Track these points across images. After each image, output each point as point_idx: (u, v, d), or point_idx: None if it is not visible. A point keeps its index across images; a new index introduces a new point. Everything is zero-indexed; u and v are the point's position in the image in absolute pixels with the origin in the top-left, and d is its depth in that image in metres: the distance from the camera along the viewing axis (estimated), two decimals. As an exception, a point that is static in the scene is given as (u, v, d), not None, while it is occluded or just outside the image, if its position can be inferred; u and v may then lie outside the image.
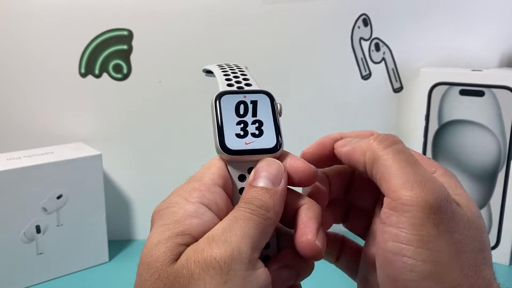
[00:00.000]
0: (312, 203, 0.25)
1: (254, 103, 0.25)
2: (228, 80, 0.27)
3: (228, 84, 0.27)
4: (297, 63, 0.61)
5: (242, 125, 0.25)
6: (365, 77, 0.62)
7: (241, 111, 0.25)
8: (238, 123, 0.25)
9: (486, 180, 0.56)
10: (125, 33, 0.59)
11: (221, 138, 0.24)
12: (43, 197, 0.53)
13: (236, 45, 0.60)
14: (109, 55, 0.59)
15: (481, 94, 0.55)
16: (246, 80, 0.27)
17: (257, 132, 0.25)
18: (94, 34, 0.59)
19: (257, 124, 0.25)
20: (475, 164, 0.56)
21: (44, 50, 0.59)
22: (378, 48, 0.62)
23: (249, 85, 0.27)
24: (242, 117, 0.25)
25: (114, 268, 0.58)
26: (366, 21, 0.61)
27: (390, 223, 0.22)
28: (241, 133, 0.25)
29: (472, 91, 0.55)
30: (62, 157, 0.53)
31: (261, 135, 0.25)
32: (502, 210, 0.56)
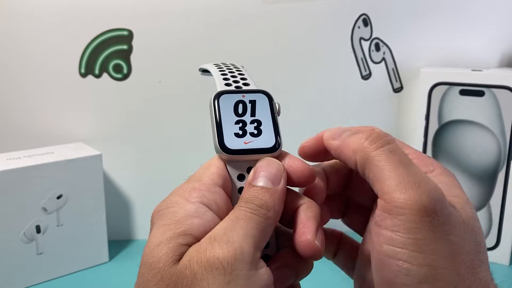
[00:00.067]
0: (311, 203, 0.25)
1: (253, 103, 0.25)
2: (226, 80, 0.27)
3: (226, 84, 0.26)
4: (297, 63, 0.61)
5: (241, 125, 0.25)
6: (365, 77, 0.62)
7: (240, 111, 0.25)
8: (237, 123, 0.25)
9: (486, 180, 0.56)
10: (125, 33, 0.59)
11: (220, 138, 0.24)
12: (43, 197, 0.53)
13: (236, 45, 0.60)
14: (109, 55, 0.59)
15: (481, 94, 0.55)
16: (244, 80, 0.27)
17: (256, 132, 0.25)
18: (94, 34, 0.59)
19: (256, 124, 0.25)
20: (475, 164, 0.56)
21: (44, 50, 0.59)
22: (378, 48, 0.62)
23: (247, 85, 0.27)
24: (241, 117, 0.25)
25: (114, 268, 0.58)
26: (366, 21, 0.61)
27: (385, 226, 0.22)
28: (240, 133, 0.24)
29: (472, 91, 0.55)
30: (62, 157, 0.53)
31: (260, 135, 0.25)
32: (502, 210, 0.56)
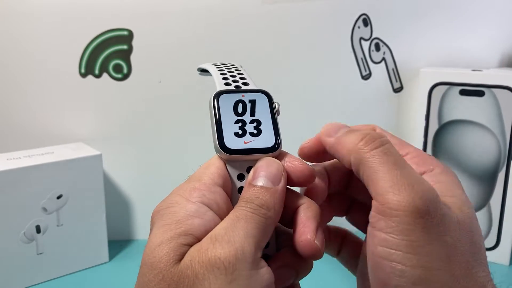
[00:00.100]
0: (311, 203, 0.25)
1: (253, 103, 0.25)
2: (225, 79, 0.27)
3: (226, 83, 0.26)
4: (297, 63, 0.61)
5: (241, 124, 0.25)
6: (365, 77, 0.62)
7: (240, 110, 0.25)
8: (237, 122, 0.25)
9: (486, 180, 0.56)
10: (125, 33, 0.59)
11: (220, 137, 0.24)
12: (43, 197, 0.53)
13: (236, 45, 0.60)
14: (109, 55, 0.59)
15: (481, 94, 0.55)
16: (243, 79, 0.27)
17: (255, 132, 0.25)
18: (94, 34, 0.59)
19: (255, 124, 0.25)
20: (475, 164, 0.56)
21: (44, 50, 0.59)
22: (378, 48, 0.62)
23: (246, 84, 0.27)
24: (241, 116, 0.25)
25: (114, 268, 0.58)
26: (366, 21, 0.61)
27: (379, 228, 0.22)
28: (240, 132, 0.24)
29: (472, 91, 0.55)
30: (62, 157, 0.53)
31: (259, 135, 0.25)
32: (502, 210, 0.56)
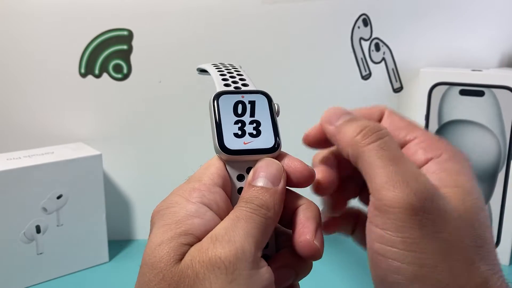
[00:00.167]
0: (310, 204, 0.25)
1: (252, 103, 0.25)
2: (225, 80, 0.27)
3: (225, 84, 0.26)
4: (297, 63, 0.61)
5: (240, 125, 0.25)
6: (365, 77, 0.62)
7: (239, 111, 0.25)
8: (236, 123, 0.25)
9: (486, 180, 0.56)
10: (125, 33, 0.59)
11: (220, 138, 0.24)
12: (43, 197, 0.53)
13: (236, 45, 0.60)
14: (109, 55, 0.59)
15: (481, 94, 0.55)
16: (243, 80, 0.27)
17: (255, 132, 0.25)
18: (94, 34, 0.59)
19: (255, 124, 0.25)
20: (475, 164, 0.56)
21: (44, 50, 0.59)
22: (378, 48, 0.62)
23: (246, 85, 0.27)
24: (240, 117, 0.25)
25: (114, 268, 0.58)
26: (366, 21, 0.61)
27: (376, 224, 0.22)
28: (239, 133, 0.25)
29: (472, 91, 0.55)
30: (62, 157, 0.53)
31: (259, 135, 0.25)
32: (502, 210, 0.56)
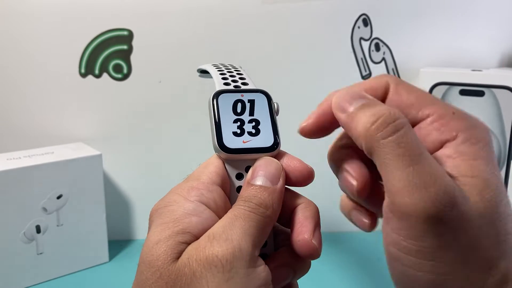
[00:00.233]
0: (309, 203, 0.25)
1: (252, 102, 0.25)
2: (225, 79, 0.27)
3: (225, 83, 0.27)
4: (297, 63, 0.61)
5: (239, 123, 0.25)
6: (365, 77, 0.62)
7: (239, 110, 0.25)
8: (235, 121, 0.25)
9: (486, 180, 0.56)
10: (125, 33, 0.59)
11: (219, 137, 0.24)
12: (43, 197, 0.53)
13: (236, 45, 0.60)
14: (109, 55, 0.59)
15: (481, 94, 0.55)
16: (243, 80, 0.27)
17: (254, 131, 0.25)
18: (94, 34, 0.59)
19: (254, 123, 0.25)
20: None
21: (44, 50, 0.59)
22: (378, 48, 0.62)
23: (246, 84, 0.27)
24: (239, 116, 0.25)
25: (114, 268, 0.58)
26: (366, 21, 0.61)
27: (391, 226, 0.21)
28: (238, 132, 0.25)
29: (472, 91, 0.55)
30: (62, 157, 0.53)
31: (258, 134, 0.25)
32: (502, 210, 0.56)
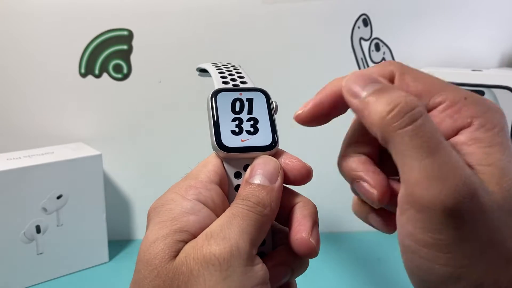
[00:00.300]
0: (307, 201, 0.25)
1: (250, 101, 0.25)
2: (223, 78, 0.27)
3: (224, 82, 0.27)
4: (297, 63, 0.61)
5: (237, 122, 0.25)
6: (365, 77, 0.62)
7: (237, 108, 0.25)
8: (234, 120, 0.25)
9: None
10: (125, 33, 0.59)
11: (217, 135, 0.24)
12: (43, 197, 0.53)
13: (236, 45, 0.60)
14: (109, 55, 0.59)
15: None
16: (241, 78, 0.27)
17: (252, 130, 0.25)
18: (94, 34, 0.59)
19: (252, 122, 0.25)
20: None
21: (44, 51, 0.59)
22: (378, 48, 0.62)
23: (245, 83, 0.27)
24: (238, 114, 0.25)
25: (114, 268, 0.58)
26: (366, 21, 0.61)
27: (407, 217, 0.20)
28: (236, 130, 0.25)
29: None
30: (62, 157, 0.53)
31: (256, 133, 0.25)
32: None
